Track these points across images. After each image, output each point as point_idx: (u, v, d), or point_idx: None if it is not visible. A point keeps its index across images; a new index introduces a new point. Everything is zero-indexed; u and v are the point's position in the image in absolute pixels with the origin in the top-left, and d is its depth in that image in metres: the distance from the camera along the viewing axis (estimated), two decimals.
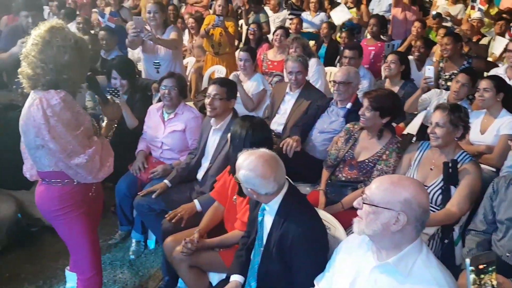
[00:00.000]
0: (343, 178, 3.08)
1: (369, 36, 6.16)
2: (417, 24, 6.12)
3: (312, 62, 4.72)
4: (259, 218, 2.21)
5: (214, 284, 2.62)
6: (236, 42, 6.97)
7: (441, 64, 4.81)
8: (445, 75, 4.70)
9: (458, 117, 2.65)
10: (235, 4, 7.28)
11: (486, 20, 6.71)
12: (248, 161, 2.08)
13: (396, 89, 4.13)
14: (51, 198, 2.30)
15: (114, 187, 3.81)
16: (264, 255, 2.16)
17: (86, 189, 2.36)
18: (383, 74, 4.93)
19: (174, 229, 2.86)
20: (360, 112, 3.03)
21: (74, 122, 2.14)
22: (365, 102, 3.00)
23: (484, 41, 6.27)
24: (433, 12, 6.80)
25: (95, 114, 3.71)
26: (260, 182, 2.06)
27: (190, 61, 6.12)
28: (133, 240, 3.60)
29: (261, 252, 2.18)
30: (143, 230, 3.61)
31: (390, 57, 4.37)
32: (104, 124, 2.42)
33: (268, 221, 2.18)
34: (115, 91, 3.63)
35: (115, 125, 2.60)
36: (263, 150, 2.14)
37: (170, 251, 2.67)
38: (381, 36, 6.16)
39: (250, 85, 4.44)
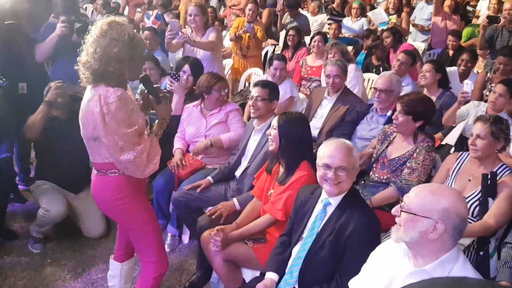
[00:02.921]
0: (376, 178, 3.13)
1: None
2: (450, 37, 6.03)
3: (351, 68, 4.73)
4: (320, 214, 2.29)
5: (247, 280, 2.68)
6: (273, 45, 7.06)
7: (488, 75, 4.71)
8: (491, 86, 4.60)
9: (499, 129, 2.64)
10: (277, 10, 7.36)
11: None
12: (356, 152, 2.28)
13: (433, 98, 4.08)
14: (109, 188, 2.37)
15: (150, 181, 3.95)
16: (315, 243, 2.23)
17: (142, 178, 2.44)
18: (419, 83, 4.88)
19: (210, 226, 2.94)
20: (393, 117, 3.08)
21: (127, 121, 2.20)
22: (398, 107, 3.04)
23: None
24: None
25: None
26: (357, 170, 2.29)
27: (228, 63, 6.22)
28: (169, 234, 3.70)
29: (312, 241, 2.24)
30: (178, 224, 3.72)
31: (426, 66, 4.31)
32: (155, 122, 2.50)
33: (326, 213, 2.28)
34: (177, 75, 3.78)
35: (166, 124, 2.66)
36: None
37: (207, 245, 2.75)
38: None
39: None
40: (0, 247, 3.57)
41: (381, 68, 5.52)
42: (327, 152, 2.27)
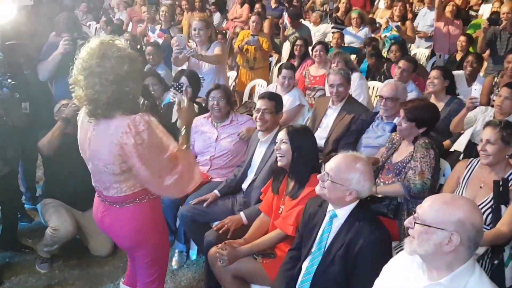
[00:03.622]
0: (382, 184, 3.09)
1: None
2: (462, 38, 6.00)
3: (355, 76, 4.74)
4: (327, 226, 2.23)
5: None
6: (277, 57, 7.05)
7: (495, 79, 4.66)
8: (498, 91, 4.55)
9: (510, 134, 2.60)
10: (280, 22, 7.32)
11: None
12: (361, 164, 2.19)
13: (441, 105, 4.06)
14: (145, 216, 2.23)
15: None
16: (324, 259, 2.18)
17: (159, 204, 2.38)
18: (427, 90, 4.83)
19: (217, 241, 2.89)
20: (397, 123, 3.10)
21: (161, 146, 2.07)
22: (401, 113, 3.07)
23: None
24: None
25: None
26: (368, 186, 2.19)
27: (231, 75, 6.22)
28: (176, 251, 3.65)
29: (321, 256, 2.19)
30: (186, 240, 3.67)
31: (434, 73, 4.26)
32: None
33: (334, 226, 2.22)
34: (179, 86, 3.77)
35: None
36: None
37: (215, 261, 2.70)
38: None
39: (286, 100, 4.47)
40: (8, 267, 3.54)
41: (383, 76, 5.50)
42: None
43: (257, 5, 7.79)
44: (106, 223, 2.32)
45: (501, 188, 2.54)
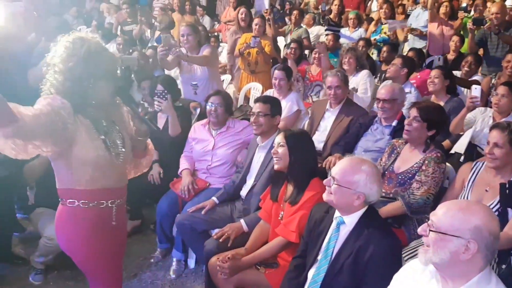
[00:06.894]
0: (383, 194, 2.97)
1: None
2: (455, 38, 5.99)
3: (364, 73, 4.79)
4: (334, 233, 2.16)
5: None
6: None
7: (493, 81, 4.63)
8: (495, 93, 4.53)
9: None
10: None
11: None
12: (367, 166, 2.12)
13: (441, 103, 4.03)
14: (74, 222, 2.19)
15: (153, 204, 3.84)
16: (332, 267, 2.10)
17: (107, 216, 2.22)
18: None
19: (217, 250, 2.83)
20: (406, 122, 2.96)
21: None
22: (413, 112, 2.93)
23: None
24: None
25: None
26: (376, 189, 2.12)
27: (226, 79, 6.13)
28: (174, 259, 3.57)
29: (328, 265, 2.12)
30: (183, 248, 3.58)
31: (434, 73, 4.27)
32: None
33: (342, 234, 2.15)
34: (163, 93, 3.68)
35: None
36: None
37: (215, 271, 2.63)
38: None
39: (284, 106, 4.36)
40: (1, 280, 3.43)
41: (383, 76, 5.46)
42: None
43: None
44: None
45: (507, 191, 2.49)
